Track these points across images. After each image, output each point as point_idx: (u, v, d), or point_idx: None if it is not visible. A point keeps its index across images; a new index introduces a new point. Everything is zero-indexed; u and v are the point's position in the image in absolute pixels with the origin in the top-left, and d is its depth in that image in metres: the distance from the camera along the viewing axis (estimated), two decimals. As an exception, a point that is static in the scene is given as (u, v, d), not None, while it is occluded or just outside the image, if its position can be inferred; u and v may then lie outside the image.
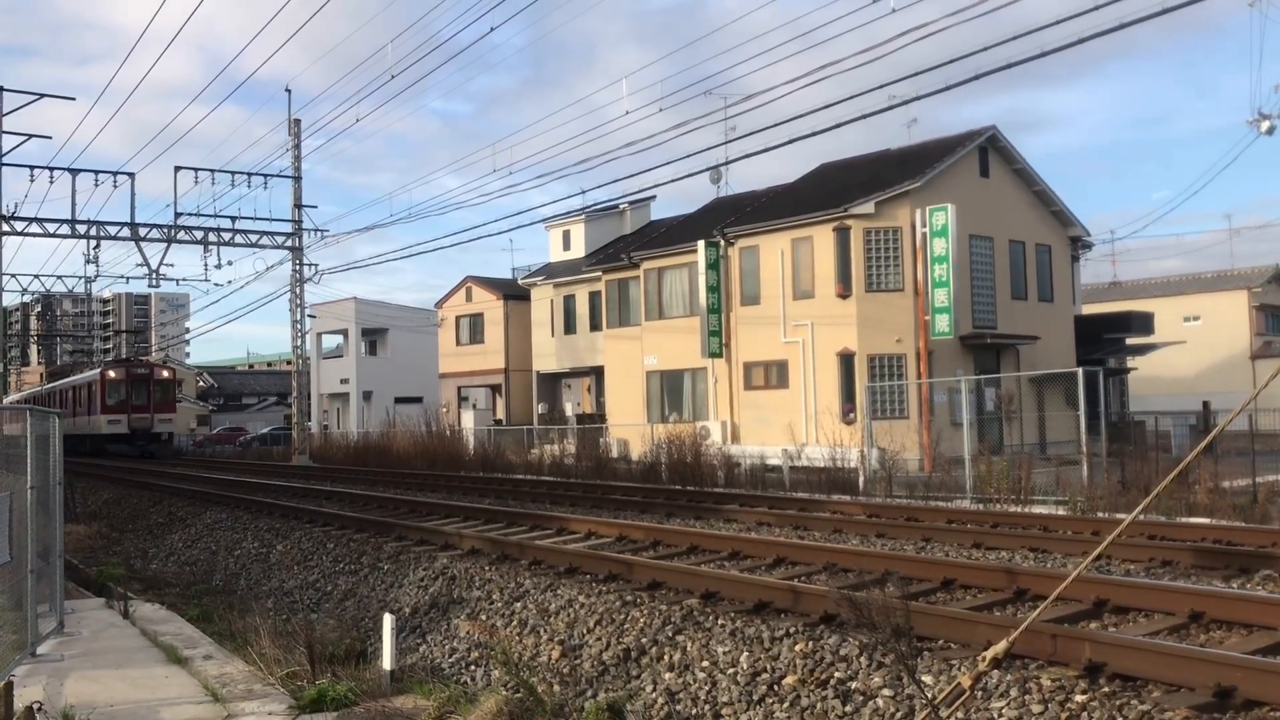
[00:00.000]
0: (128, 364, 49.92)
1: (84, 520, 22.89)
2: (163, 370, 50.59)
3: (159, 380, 49.25)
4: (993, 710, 6.01)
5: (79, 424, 50.19)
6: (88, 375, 52.87)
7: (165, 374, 50.28)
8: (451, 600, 10.89)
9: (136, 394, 47.82)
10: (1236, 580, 9.18)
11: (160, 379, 49.52)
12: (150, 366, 50.47)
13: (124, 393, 47.53)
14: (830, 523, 13.68)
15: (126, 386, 47.64)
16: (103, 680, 8.86)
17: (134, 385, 47.93)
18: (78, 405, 51.87)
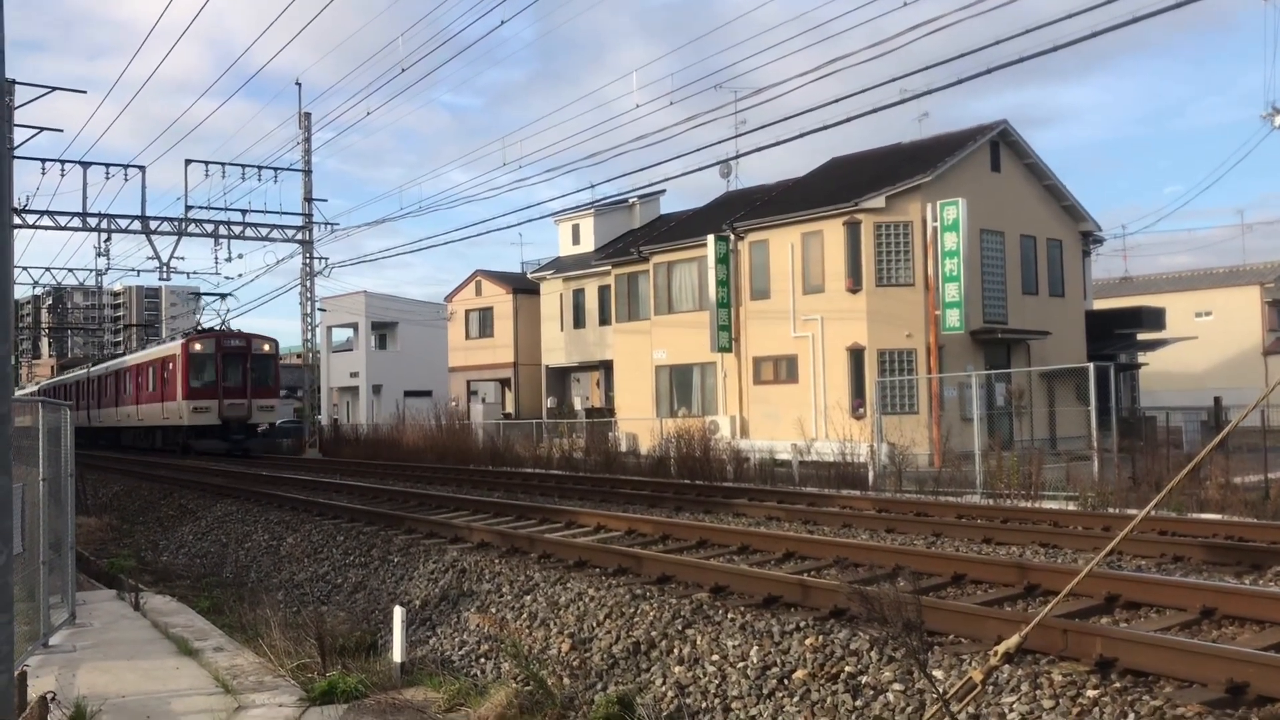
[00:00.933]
0: (218, 335, 38.38)
1: (95, 512, 22.96)
2: (263, 343, 38.62)
3: (258, 356, 38.26)
4: (1004, 705, 6.00)
5: (146, 413, 41.11)
6: (160, 350, 41.63)
7: (266, 348, 38.57)
8: (461, 593, 10.91)
9: (230, 373, 37.30)
10: (1249, 576, 9.14)
11: (260, 354, 38.25)
12: (247, 338, 38.56)
13: (214, 372, 37.04)
14: (840, 517, 13.67)
15: (217, 363, 37.11)
16: (114, 671, 8.90)
17: (227, 362, 37.35)
18: (143, 389, 41.73)
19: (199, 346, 37.28)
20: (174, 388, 37.49)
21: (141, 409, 41.69)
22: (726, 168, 38.40)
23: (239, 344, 37.94)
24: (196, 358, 37.15)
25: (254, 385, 37.55)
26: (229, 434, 37.23)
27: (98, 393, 50.12)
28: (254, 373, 37.67)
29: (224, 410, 36.80)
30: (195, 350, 37.22)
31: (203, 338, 38.08)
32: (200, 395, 36.66)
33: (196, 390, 36.69)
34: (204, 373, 37.11)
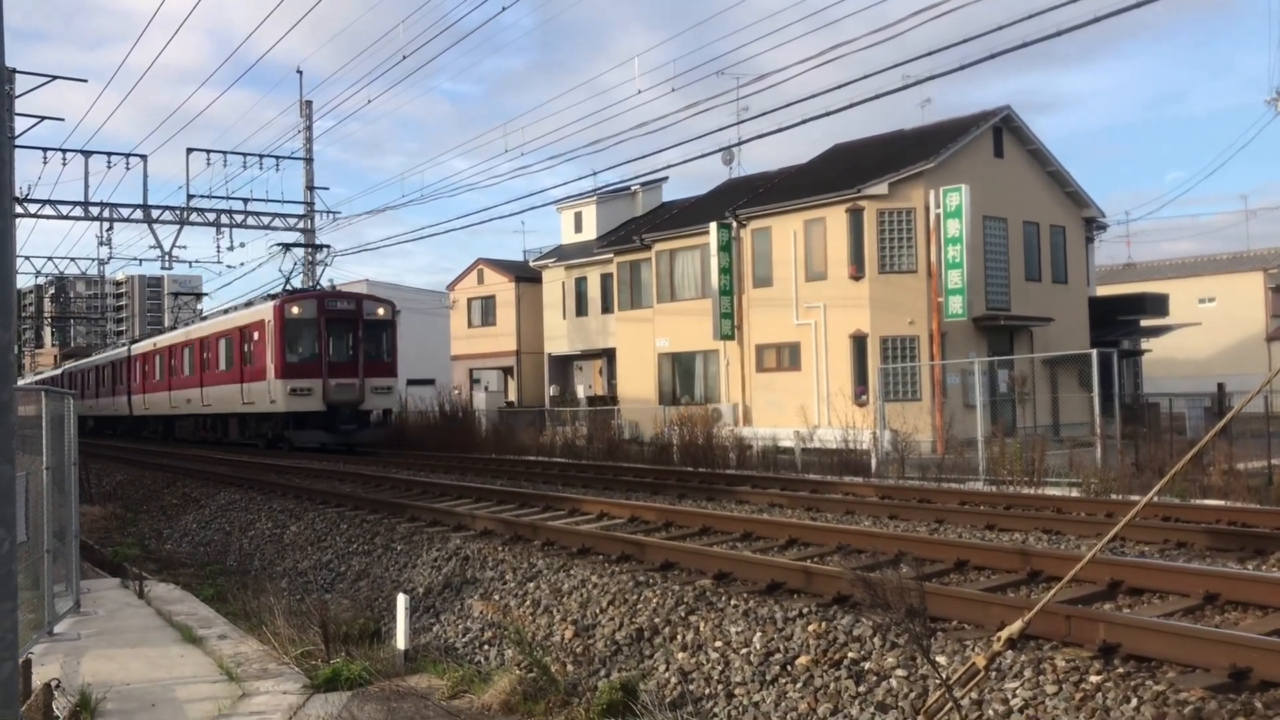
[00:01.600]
0: (320, 295, 30.65)
1: (99, 501, 23.01)
2: (377, 305, 30.88)
3: (372, 322, 30.31)
4: (1007, 691, 6.00)
5: (216, 397, 33.22)
6: (236, 318, 32.88)
7: (380, 312, 30.74)
8: (465, 581, 10.92)
9: (337, 345, 29.63)
10: (1251, 562, 9.14)
11: (374, 319, 30.37)
12: (357, 299, 30.96)
13: (316, 342, 29.18)
14: (843, 504, 13.67)
15: (320, 332, 29.11)
16: (119, 659, 8.93)
17: (333, 330, 29.49)
18: (210, 367, 33.97)
19: (297, 310, 28.93)
20: (261, 363, 29.59)
21: (208, 392, 34.06)
22: (729, 155, 38.32)
23: (347, 307, 29.97)
24: (294, 324, 28.93)
25: (367, 360, 29.76)
26: (336, 423, 29.06)
27: (140, 375, 42.46)
28: (367, 344, 29.95)
29: (329, 393, 28.69)
30: (292, 315, 28.86)
31: (300, 299, 29.89)
32: (299, 373, 28.61)
33: (294, 367, 28.66)
34: (303, 344, 29.27)
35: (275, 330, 29.00)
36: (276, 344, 28.94)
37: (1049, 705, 5.78)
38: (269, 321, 29.52)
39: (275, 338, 28.97)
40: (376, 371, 30.01)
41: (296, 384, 28.57)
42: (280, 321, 28.95)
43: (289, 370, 28.68)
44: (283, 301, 29.49)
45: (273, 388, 28.99)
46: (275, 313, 29.27)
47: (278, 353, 28.85)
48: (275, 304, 29.53)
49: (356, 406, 29.49)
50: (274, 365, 28.90)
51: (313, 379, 28.77)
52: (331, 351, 29.30)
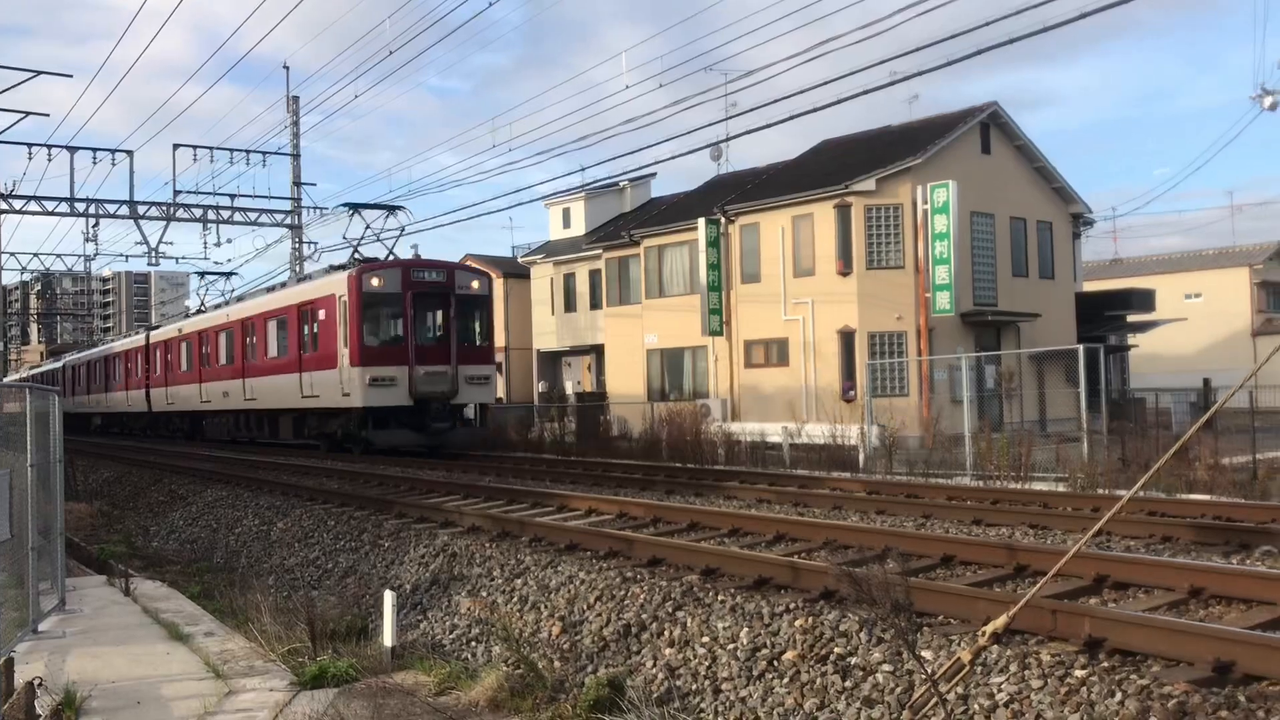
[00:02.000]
0: (405, 264, 25.26)
1: (85, 498, 22.92)
2: (471, 278, 25.70)
3: (465, 298, 25.16)
4: (992, 685, 6.02)
5: (267, 390, 28.14)
6: (296, 292, 27.63)
7: (475, 285, 25.54)
8: (452, 577, 10.91)
9: (425, 325, 24.84)
10: (1236, 556, 9.18)
11: (467, 294, 25.17)
12: (448, 269, 25.51)
13: (401, 322, 24.31)
14: (830, 500, 13.69)
15: (406, 309, 24.13)
16: (104, 657, 8.89)
17: (421, 307, 24.59)
18: (259, 352, 29.16)
19: (377, 282, 23.83)
20: (329, 348, 24.52)
21: (254, 384, 28.92)
22: (717, 150, 38.37)
23: (437, 278, 24.72)
24: (374, 300, 23.92)
25: (461, 344, 24.68)
26: (427, 420, 24.13)
27: (161, 365, 37.98)
28: (460, 324, 24.75)
29: (417, 384, 23.67)
30: (371, 288, 23.82)
31: (380, 268, 24.60)
32: (381, 359, 23.61)
33: (374, 351, 23.66)
34: (385, 323, 24.53)
35: (351, 307, 23.68)
36: (352, 324, 23.66)
37: (1034, 700, 5.80)
38: (341, 297, 24.20)
39: (351, 316, 23.67)
40: (472, 358, 24.95)
41: (378, 372, 23.34)
42: (357, 296, 23.67)
43: (368, 356, 23.48)
44: (360, 271, 24.06)
45: (347, 378, 23.65)
46: (351, 286, 23.81)
47: (353, 334, 23.58)
48: (350, 274, 24.07)
49: (449, 400, 24.39)
50: (349, 350, 23.58)
51: (397, 366, 23.65)
52: (420, 333, 24.27)
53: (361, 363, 23.50)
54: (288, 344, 27.30)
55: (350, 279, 24.15)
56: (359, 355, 23.56)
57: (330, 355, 24.60)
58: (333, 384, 24.43)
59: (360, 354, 23.56)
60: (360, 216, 27.87)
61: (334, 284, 25.03)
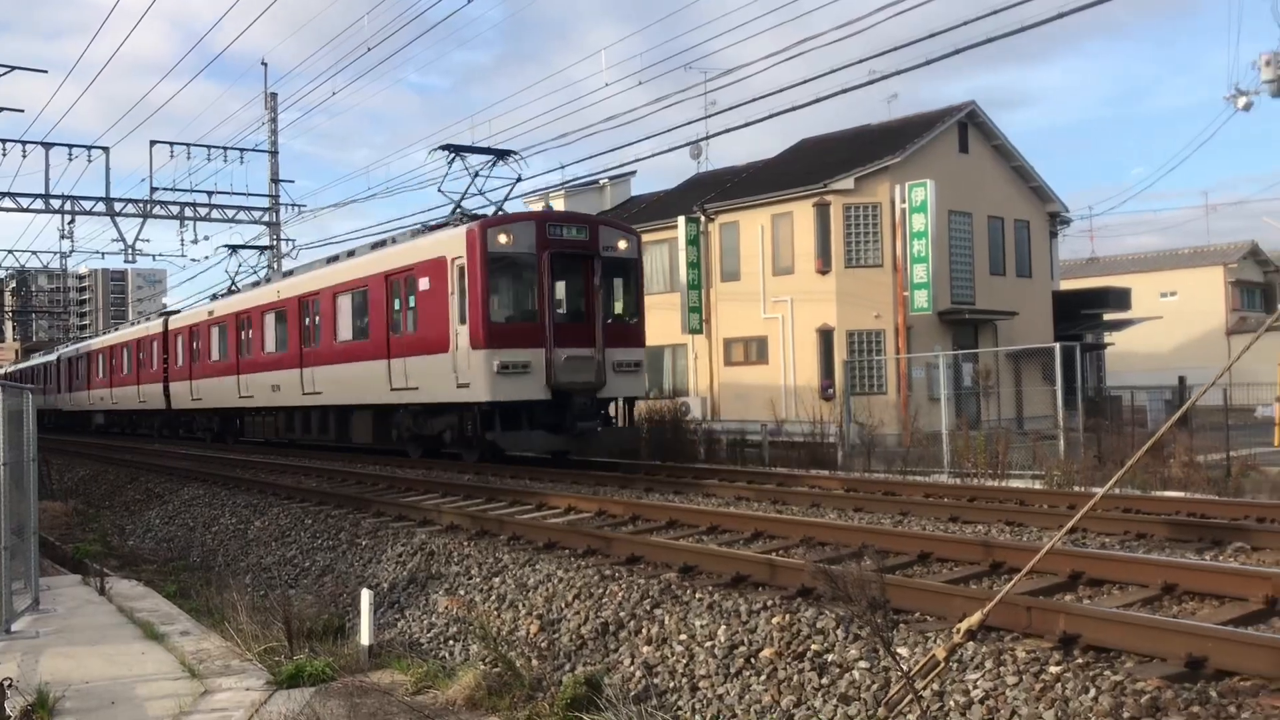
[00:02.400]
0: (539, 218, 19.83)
1: (60, 497, 22.74)
2: (618, 236, 20.26)
3: (613, 261, 19.92)
4: (968, 682, 6.05)
5: (342, 380, 22.79)
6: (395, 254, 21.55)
7: (623, 246, 20.09)
8: (430, 576, 10.88)
9: (565, 296, 19.84)
10: (1209, 552, 9.26)
11: (615, 257, 19.90)
12: (591, 226, 20.10)
13: (536, 293, 18.98)
14: (808, 497, 13.73)
15: (543, 276, 18.78)
16: (78, 657, 8.82)
17: (560, 273, 19.37)
18: (317, 337, 24.21)
19: (505, 239, 18.37)
20: (439, 326, 19.06)
21: (322, 375, 23.56)
22: (697, 149, 38.33)
23: (578, 236, 19.21)
24: (502, 263, 18.51)
25: (611, 325, 19.38)
26: (569, 417, 18.66)
27: (183, 355, 33.16)
28: (605, 294, 19.40)
29: (557, 372, 18.36)
30: (499, 246, 18.33)
31: (508, 223, 18.94)
32: (511, 339, 18.27)
33: (503, 330, 18.31)
34: (516, 294, 19.09)
35: (472, 272, 18.17)
36: (474, 294, 18.14)
37: (1009, 696, 5.83)
38: (455, 260, 18.66)
39: (472, 284, 18.19)
40: (620, 338, 19.40)
41: (509, 357, 17.97)
42: (481, 257, 18.07)
43: (497, 335, 18.05)
44: (484, 226, 18.39)
45: (465, 364, 18.25)
46: (472, 244, 18.24)
47: (476, 308, 18.09)
48: (471, 230, 18.41)
49: (595, 393, 19.02)
50: (468, 328, 18.25)
51: (532, 349, 18.23)
52: (552, 307, 18.69)
53: (487, 344, 17.91)
54: (369, 324, 21.75)
55: (471, 236, 18.29)
56: (484, 334, 17.98)
57: (437, 336, 19.14)
58: (441, 372, 18.97)
59: (486, 333, 17.99)
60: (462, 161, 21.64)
61: (444, 244, 19.37)
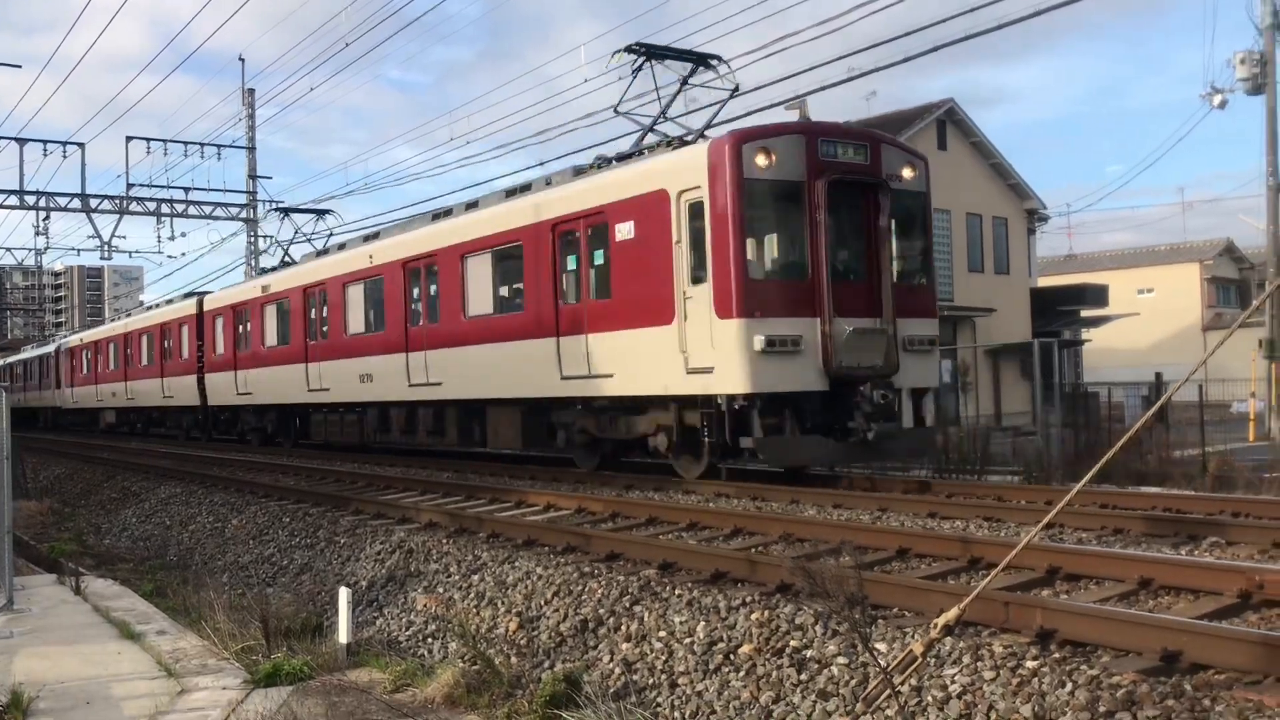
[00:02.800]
0: (811, 131, 13.56)
1: (34, 496, 22.57)
2: (902, 162, 14.16)
3: (902, 196, 14.13)
4: (945, 677, 6.07)
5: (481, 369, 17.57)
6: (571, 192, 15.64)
7: (908, 175, 14.15)
8: (409, 573, 10.85)
9: (842, 245, 13.76)
10: (1185, 547, 9.32)
11: (903, 189, 14.12)
12: (871, 145, 13.95)
13: (807, 240, 13.19)
14: (787, 493, 13.72)
15: (813, 214, 13.07)
16: (53, 657, 8.76)
17: (836, 211, 13.36)
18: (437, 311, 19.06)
19: (765, 160, 13.09)
20: (657, 285, 13.96)
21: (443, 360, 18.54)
22: (676, 145, 38.26)
23: (856, 158, 13.92)
24: (759, 193, 13.37)
25: (901, 281, 14.40)
26: (852, 415, 13.75)
27: (224, 342, 28.14)
28: (885, 249, 13.96)
29: (838, 353, 13.21)
30: (757, 171, 13.10)
31: (768, 136, 13.42)
32: (773, 305, 13.14)
33: (763, 292, 13.20)
34: (777, 239, 14.37)
35: (721, 206, 13.06)
36: (722, 238, 13.04)
37: (986, 690, 5.86)
38: (686, 194, 13.55)
39: (719, 224, 13.09)
40: (911, 304, 14.33)
41: (774, 330, 12.92)
42: (735, 185, 12.98)
43: (755, 299, 12.98)
44: (738, 140, 13.19)
45: (703, 340, 13.24)
46: (719, 166, 13.13)
47: (726, 258, 13.01)
48: (719, 144, 13.28)
49: (889, 376, 13.86)
50: (713, 287, 13.13)
51: (802, 318, 13.18)
52: (836, 259, 13.68)
53: (743, 311, 12.79)
54: (524, 291, 16.55)
55: (718, 155, 13.07)
56: (739, 297, 12.83)
57: (651, 302, 13.93)
58: (658, 353, 13.79)
59: (741, 295, 12.82)
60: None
61: (664, 172, 13.98)
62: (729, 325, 12.88)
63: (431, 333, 19.12)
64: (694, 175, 13.40)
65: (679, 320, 13.56)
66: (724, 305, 12.95)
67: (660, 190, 13.87)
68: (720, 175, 13.03)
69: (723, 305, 12.97)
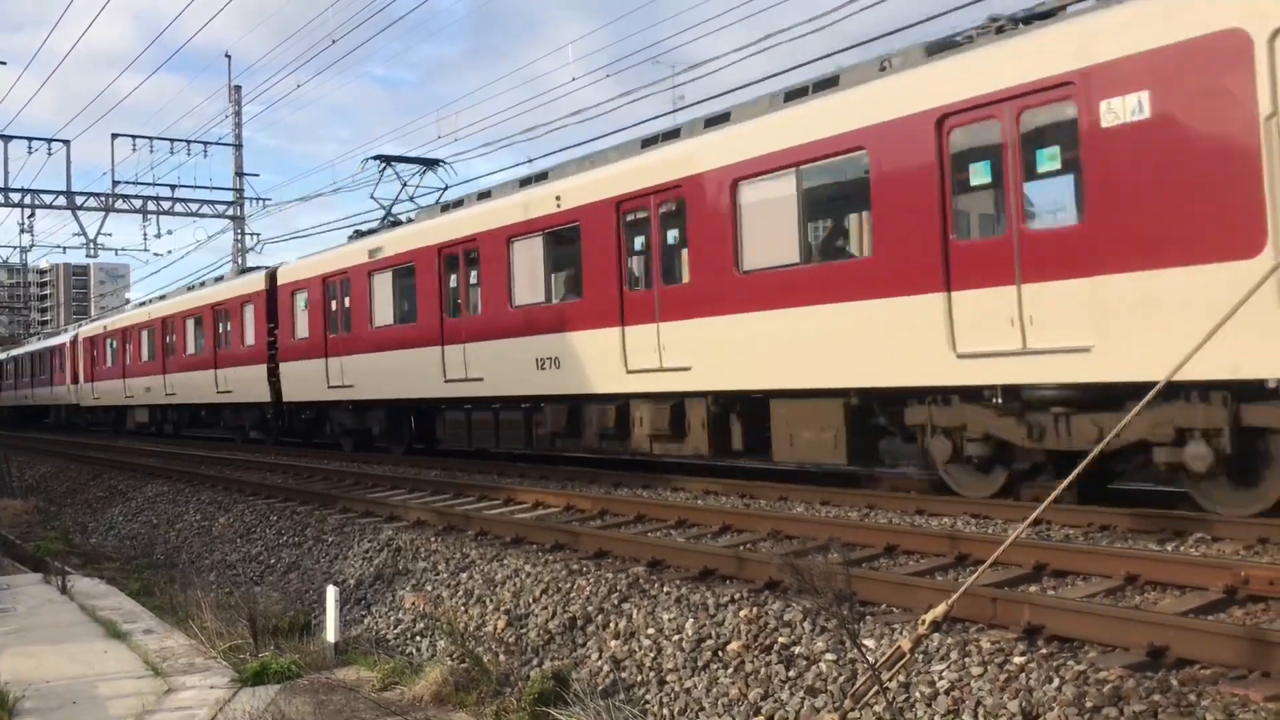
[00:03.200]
0: None
1: (20, 495, 22.47)
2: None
3: None
4: (933, 673, 6.09)
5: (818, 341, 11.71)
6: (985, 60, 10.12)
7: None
8: (397, 572, 10.83)
9: None
10: (1171, 543, 9.35)
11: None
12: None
13: None
14: (776, 491, 13.73)
15: None
16: (39, 656, 8.73)
17: None
18: (726, 247, 12.66)
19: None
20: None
21: (767, 325, 12.33)
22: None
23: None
24: None
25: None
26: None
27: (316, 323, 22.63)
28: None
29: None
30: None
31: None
32: None
33: None
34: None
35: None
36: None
37: (974, 686, 5.87)
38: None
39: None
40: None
41: None
42: None
43: None
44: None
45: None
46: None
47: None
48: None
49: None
50: None
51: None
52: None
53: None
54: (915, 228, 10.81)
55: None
56: None
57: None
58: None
59: None
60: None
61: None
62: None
63: (677, 297, 13.75)
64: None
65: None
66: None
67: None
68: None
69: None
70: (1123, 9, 9.24)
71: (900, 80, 11.04)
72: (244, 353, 25.95)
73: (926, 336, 10.64)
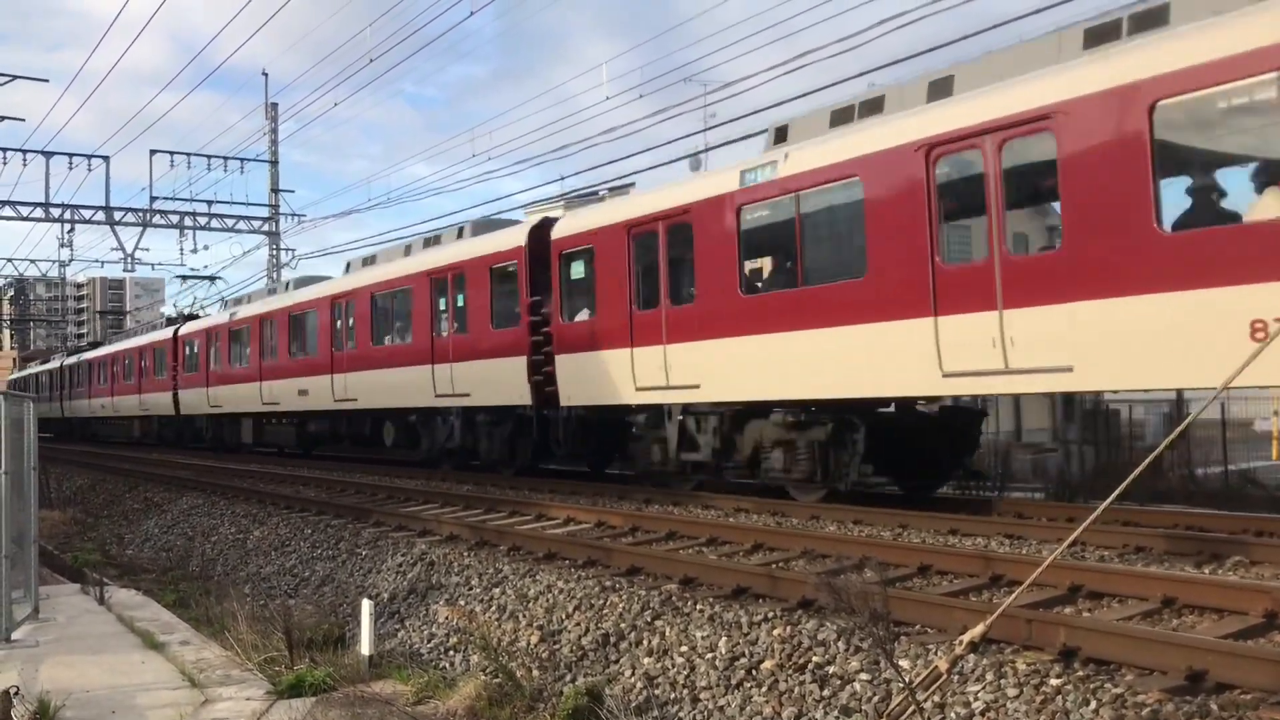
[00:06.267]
0: None
1: (59, 506, 22.73)
2: None
3: None
4: (969, 694, 6.06)
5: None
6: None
7: None
8: (430, 586, 10.88)
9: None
10: (1208, 566, 9.27)
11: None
12: None
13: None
14: (808, 509, 13.71)
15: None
16: (78, 666, 8.83)
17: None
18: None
19: None
20: None
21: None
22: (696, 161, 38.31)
23: None
24: None
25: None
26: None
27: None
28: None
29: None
30: None
31: None
32: None
33: None
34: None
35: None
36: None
37: (1010, 708, 5.85)
38: None
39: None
40: None
41: None
42: None
43: None
44: None
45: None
46: None
47: None
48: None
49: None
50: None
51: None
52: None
53: None
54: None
55: None
56: None
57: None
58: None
59: None
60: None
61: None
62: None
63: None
64: None
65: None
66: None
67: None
68: None
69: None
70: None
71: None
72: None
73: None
